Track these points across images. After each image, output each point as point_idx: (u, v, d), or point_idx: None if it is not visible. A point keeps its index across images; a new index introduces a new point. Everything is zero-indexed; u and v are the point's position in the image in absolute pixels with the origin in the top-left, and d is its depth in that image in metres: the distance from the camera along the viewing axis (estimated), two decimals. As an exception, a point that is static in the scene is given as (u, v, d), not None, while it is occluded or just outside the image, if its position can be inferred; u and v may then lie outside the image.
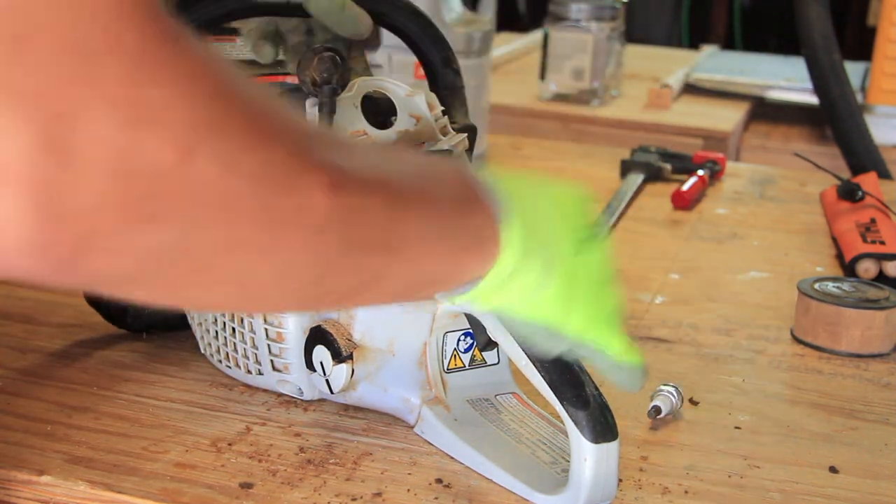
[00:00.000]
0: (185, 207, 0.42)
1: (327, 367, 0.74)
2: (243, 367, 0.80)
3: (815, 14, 1.55)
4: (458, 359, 0.76)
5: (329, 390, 0.75)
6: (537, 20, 2.67)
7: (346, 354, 0.73)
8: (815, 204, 1.36)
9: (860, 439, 0.79)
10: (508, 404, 0.76)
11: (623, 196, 1.32)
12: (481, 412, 0.75)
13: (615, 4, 1.93)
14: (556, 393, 0.66)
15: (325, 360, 0.74)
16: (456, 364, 0.76)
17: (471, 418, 0.74)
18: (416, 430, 0.75)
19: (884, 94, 1.82)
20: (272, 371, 0.78)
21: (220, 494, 0.67)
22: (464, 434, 0.73)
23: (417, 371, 0.75)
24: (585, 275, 0.61)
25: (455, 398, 0.75)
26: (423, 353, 0.75)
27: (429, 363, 0.75)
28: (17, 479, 0.69)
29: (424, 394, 0.75)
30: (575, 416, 0.65)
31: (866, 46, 1.95)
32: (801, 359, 0.92)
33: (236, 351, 0.80)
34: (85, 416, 0.76)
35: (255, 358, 0.78)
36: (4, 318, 0.91)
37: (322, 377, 0.75)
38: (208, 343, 0.82)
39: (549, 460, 0.70)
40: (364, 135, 0.76)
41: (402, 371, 0.75)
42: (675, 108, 1.95)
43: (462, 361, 0.76)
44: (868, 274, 1.08)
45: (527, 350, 0.66)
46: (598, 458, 0.65)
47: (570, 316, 0.61)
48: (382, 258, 0.52)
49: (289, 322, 0.76)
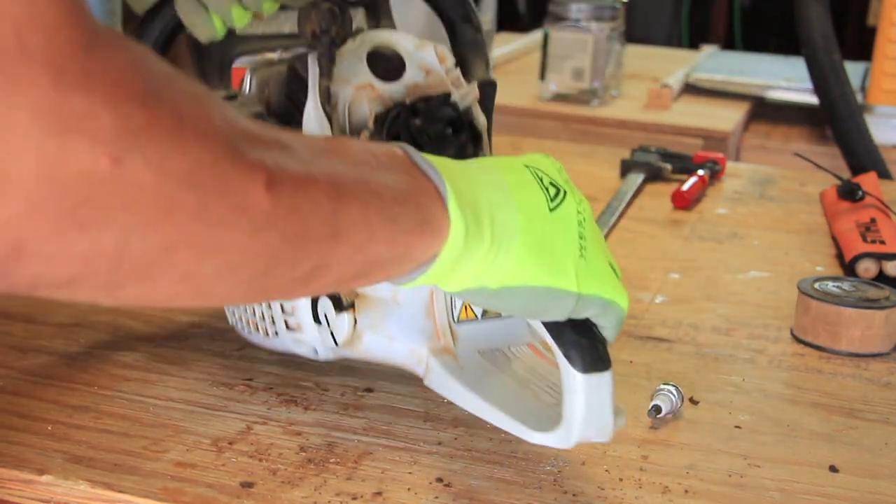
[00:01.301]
0: (120, 212, 0.42)
1: (331, 318, 0.74)
2: (261, 330, 0.80)
3: (815, 14, 1.56)
4: (469, 310, 0.75)
5: (334, 341, 0.75)
6: (537, 20, 2.67)
7: (347, 304, 0.73)
8: (815, 204, 1.36)
9: (860, 439, 0.79)
10: (521, 354, 0.74)
11: (623, 196, 1.32)
12: (491, 362, 0.74)
13: (615, 4, 1.94)
14: (547, 326, 0.64)
15: (329, 310, 0.74)
16: (467, 315, 0.75)
17: (479, 367, 0.73)
18: (425, 383, 0.74)
19: (884, 94, 1.83)
20: (286, 331, 0.78)
21: (220, 494, 0.67)
22: (469, 382, 0.72)
23: (425, 321, 0.74)
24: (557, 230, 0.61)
25: (465, 349, 0.74)
26: (430, 303, 0.74)
27: (436, 313, 0.74)
28: (17, 479, 0.69)
29: (432, 344, 0.74)
30: (564, 346, 0.63)
31: (866, 46, 1.95)
32: (801, 358, 0.92)
33: (255, 314, 0.80)
34: (85, 416, 0.76)
35: (271, 319, 0.79)
36: (5, 317, 0.92)
37: (327, 328, 0.75)
38: (232, 311, 0.83)
39: (552, 402, 0.68)
40: (370, 87, 0.76)
41: (408, 321, 0.74)
42: (675, 108, 1.95)
43: (474, 313, 0.75)
44: (868, 273, 1.08)
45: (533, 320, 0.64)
46: (590, 389, 0.62)
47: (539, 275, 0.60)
48: (327, 247, 0.52)
49: None
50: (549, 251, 0.60)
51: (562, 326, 0.63)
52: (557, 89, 1.95)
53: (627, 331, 0.95)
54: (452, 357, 0.74)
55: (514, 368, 0.73)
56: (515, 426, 0.67)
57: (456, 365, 0.73)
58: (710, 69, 2.13)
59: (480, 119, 0.79)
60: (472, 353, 0.74)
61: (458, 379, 0.72)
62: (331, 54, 0.74)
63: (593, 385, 0.63)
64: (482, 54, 0.83)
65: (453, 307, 0.75)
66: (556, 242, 0.61)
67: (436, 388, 0.74)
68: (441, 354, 0.74)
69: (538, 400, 0.69)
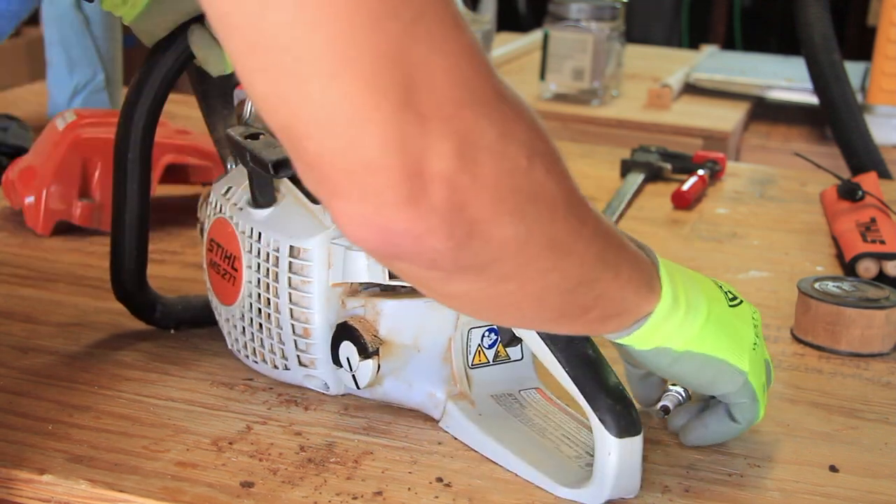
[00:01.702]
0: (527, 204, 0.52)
1: (354, 362, 0.74)
2: (270, 362, 0.80)
3: (814, 14, 1.55)
4: (483, 354, 0.76)
5: (356, 385, 0.75)
6: (537, 20, 2.67)
7: (372, 350, 0.74)
8: (815, 203, 1.36)
9: (860, 438, 0.79)
10: (532, 399, 0.76)
11: (623, 196, 1.32)
12: (506, 407, 0.75)
13: (615, 4, 1.94)
14: (580, 388, 0.67)
15: (352, 355, 0.75)
16: (480, 360, 0.76)
17: (495, 413, 0.75)
18: (441, 425, 0.75)
19: (884, 94, 1.83)
20: (298, 366, 0.78)
21: (220, 493, 0.68)
22: (488, 429, 0.73)
23: (442, 366, 0.76)
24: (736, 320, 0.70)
25: (479, 393, 0.76)
26: (447, 349, 0.75)
27: (454, 358, 0.75)
28: (18, 478, 0.69)
29: (449, 389, 0.75)
30: (599, 411, 0.67)
31: (866, 46, 1.95)
32: (801, 358, 0.92)
33: (263, 346, 0.80)
34: (86, 415, 0.76)
35: (282, 353, 0.79)
36: (5, 317, 0.92)
37: (349, 372, 0.75)
38: (235, 339, 0.83)
39: (573, 455, 0.71)
40: None
41: (427, 366, 0.76)
42: (675, 108, 1.95)
43: (486, 357, 0.76)
44: (868, 273, 1.08)
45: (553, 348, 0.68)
46: (623, 452, 0.66)
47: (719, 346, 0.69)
48: (610, 276, 0.61)
49: (315, 318, 0.76)
50: (729, 332, 0.70)
51: (596, 391, 0.67)
52: (557, 89, 1.95)
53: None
54: (469, 402, 0.75)
55: (528, 415, 0.75)
56: (542, 479, 0.69)
57: (474, 411, 0.75)
58: (710, 69, 2.13)
59: None
60: (486, 398, 0.76)
61: (478, 426, 0.73)
62: None
63: (626, 448, 0.67)
64: None
65: (468, 352, 0.76)
66: (735, 328, 0.70)
67: (453, 431, 0.75)
68: (458, 399, 0.75)
69: (559, 452, 0.72)
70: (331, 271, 0.75)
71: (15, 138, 1.29)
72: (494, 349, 0.77)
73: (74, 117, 1.13)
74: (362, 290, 0.76)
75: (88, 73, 1.51)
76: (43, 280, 1.00)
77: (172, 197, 1.22)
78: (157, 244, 1.00)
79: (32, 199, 1.09)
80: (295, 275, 0.76)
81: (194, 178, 1.21)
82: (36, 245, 1.09)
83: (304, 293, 0.76)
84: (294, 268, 0.76)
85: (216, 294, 0.84)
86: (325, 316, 0.76)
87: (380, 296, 0.75)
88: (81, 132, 1.11)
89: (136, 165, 0.84)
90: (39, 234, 1.10)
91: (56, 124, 1.13)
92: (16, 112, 1.39)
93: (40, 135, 1.15)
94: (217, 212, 0.82)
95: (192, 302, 0.90)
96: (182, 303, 0.90)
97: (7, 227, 1.13)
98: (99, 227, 1.10)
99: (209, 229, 0.83)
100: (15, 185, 1.11)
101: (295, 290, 0.76)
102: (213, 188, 0.84)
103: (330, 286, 0.76)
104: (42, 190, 1.09)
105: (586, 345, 0.69)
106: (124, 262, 0.86)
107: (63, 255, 1.06)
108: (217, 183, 0.84)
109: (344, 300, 0.76)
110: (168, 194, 1.21)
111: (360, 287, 0.76)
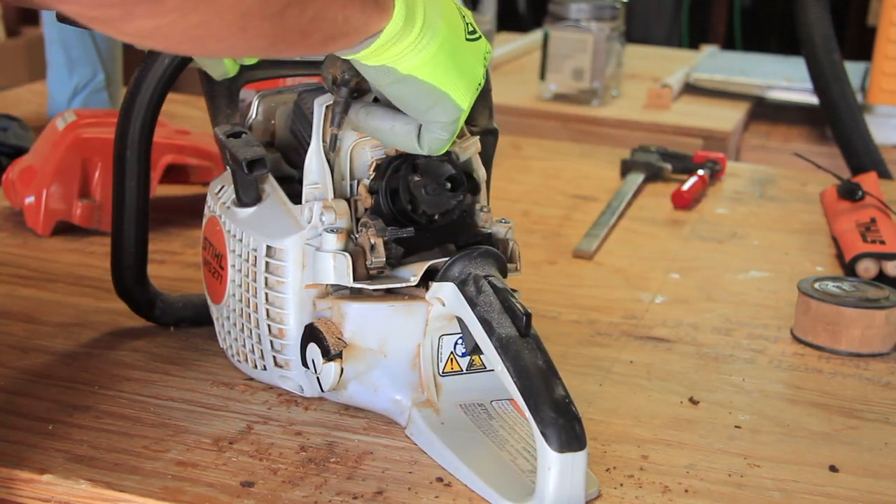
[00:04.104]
0: None
1: (318, 364, 0.74)
2: (250, 362, 0.80)
3: (814, 15, 1.55)
4: (455, 362, 0.76)
5: (320, 388, 0.75)
6: (537, 20, 2.67)
7: (334, 353, 0.74)
8: (815, 204, 1.36)
9: (860, 438, 0.79)
10: (502, 410, 0.75)
11: (623, 196, 1.32)
12: (472, 417, 0.74)
13: (615, 4, 1.94)
14: (526, 399, 0.66)
15: (317, 357, 0.74)
16: (452, 368, 0.76)
17: (459, 423, 0.74)
18: (406, 432, 0.75)
19: (884, 94, 1.83)
20: (274, 367, 0.78)
21: (221, 493, 0.68)
22: (448, 439, 0.72)
23: (410, 373, 0.75)
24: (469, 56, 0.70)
25: (447, 402, 0.75)
26: (416, 355, 0.75)
27: (422, 365, 0.75)
28: (18, 478, 0.69)
29: (415, 396, 0.75)
30: (542, 423, 0.65)
31: (866, 46, 1.95)
32: (801, 358, 0.92)
33: (244, 346, 0.80)
34: (86, 415, 0.76)
35: (261, 353, 0.79)
36: (5, 317, 0.92)
37: (314, 374, 0.75)
38: (223, 338, 0.83)
39: (528, 469, 0.69)
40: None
41: (393, 372, 0.75)
42: (675, 108, 1.95)
43: (459, 365, 0.76)
44: (868, 273, 1.08)
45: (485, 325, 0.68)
46: (563, 467, 0.64)
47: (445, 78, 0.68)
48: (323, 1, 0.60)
49: (289, 319, 0.76)
50: (458, 65, 0.69)
51: (540, 403, 0.65)
52: (557, 89, 1.95)
53: (627, 331, 0.95)
54: (434, 411, 0.74)
55: (494, 426, 0.74)
56: (488, 492, 0.68)
57: (437, 419, 0.74)
58: (710, 69, 2.13)
59: (480, 171, 0.79)
60: (454, 407, 0.75)
61: (438, 435, 0.72)
62: (346, 104, 0.74)
63: (567, 464, 0.64)
64: (487, 102, 0.84)
65: (439, 360, 0.75)
66: (466, 63, 0.70)
67: (416, 440, 0.74)
68: (424, 407, 0.74)
69: (514, 464, 0.70)
70: (304, 272, 0.75)
71: (15, 138, 1.29)
72: (468, 358, 0.76)
73: (74, 117, 1.13)
74: (332, 293, 0.76)
75: (88, 73, 1.51)
76: (43, 280, 1.00)
77: (172, 197, 1.22)
78: (157, 244, 1.00)
79: (32, 200, 1.09)
80: (271, 275, 0.76)
81: (194, 178, 1.21)
82: (36, 245, 1.09)
83: (278, 293, 0.76)
84: (270, 268, 0.76)
85: (208, 292, 0.84)
86: (299, 317, 0.76)
87: (346, 298, 0.75)
88: (81, 132, 1.11)
89: (136, 162, 0.84)
90: (39, 235, 1.10)
91: (56, 124, 1.13)
92: (16, 112, 1.39)
93: (40, 135, 1.16)
94: (210, 210, 0.83)
95: (193, 300, 0.90)
96: (182, 300, 0.90)
97: (7, 227, 1.13)
98: (99, 227, 1.10)
99: (203, 227, 0.84)
100: (15, 185, 1.11)
101: (271, 290, 0.76)
102: (210, 187, 0.85)
103: (303, 287, 0.76)
104: (42, 190, 1.09)
105: (538, 354, 0.67)
106: (124, 259, 0.86)
107: (63, 255, 1.06)
108: (213, 182, 0.85)
109: (315, 302, 0.76)
110: (168, 194, 1.21)
111: (329, 289, 0.76)
